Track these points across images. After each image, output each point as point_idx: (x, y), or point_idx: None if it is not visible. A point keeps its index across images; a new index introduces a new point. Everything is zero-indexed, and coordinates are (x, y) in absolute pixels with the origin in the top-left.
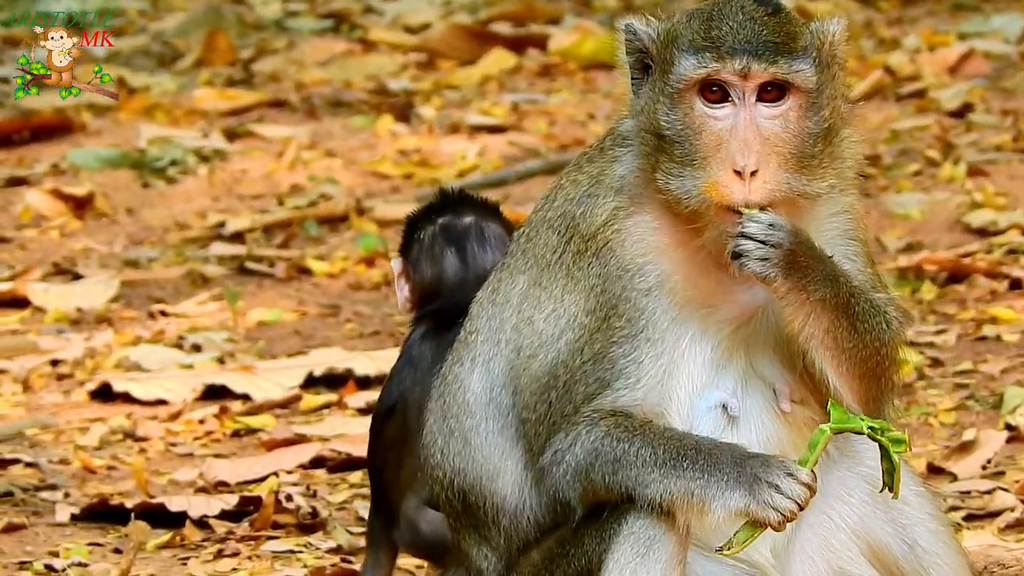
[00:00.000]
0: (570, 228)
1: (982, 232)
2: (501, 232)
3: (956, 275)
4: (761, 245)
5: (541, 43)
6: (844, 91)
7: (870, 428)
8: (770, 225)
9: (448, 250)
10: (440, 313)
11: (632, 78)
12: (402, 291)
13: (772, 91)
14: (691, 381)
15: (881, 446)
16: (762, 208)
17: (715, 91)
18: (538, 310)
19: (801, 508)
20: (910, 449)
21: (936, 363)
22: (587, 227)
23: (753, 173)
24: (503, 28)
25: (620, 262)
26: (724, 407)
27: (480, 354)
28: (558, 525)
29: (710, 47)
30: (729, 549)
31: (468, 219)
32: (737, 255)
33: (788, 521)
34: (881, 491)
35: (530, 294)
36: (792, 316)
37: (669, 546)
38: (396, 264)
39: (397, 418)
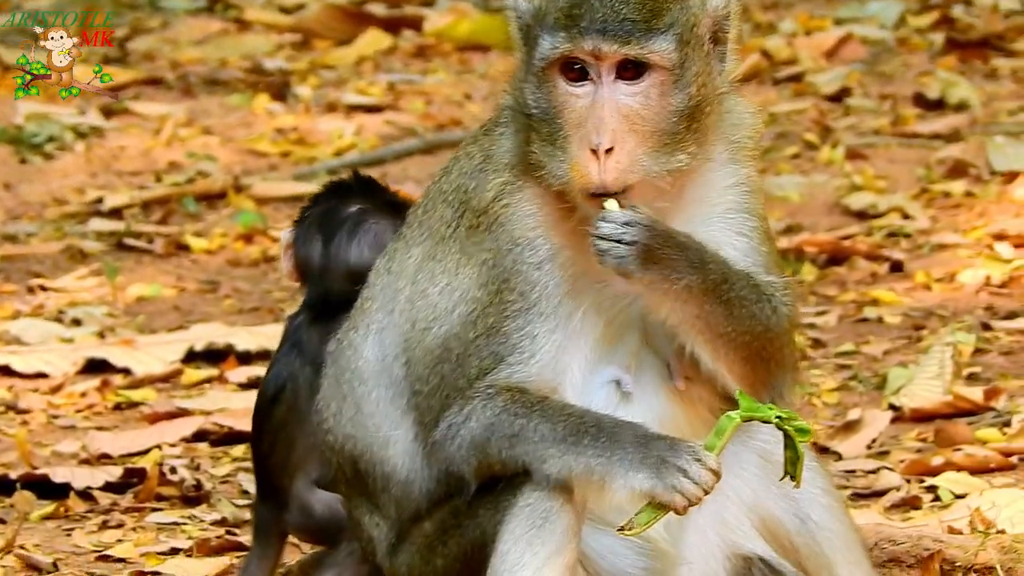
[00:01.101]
0: (463, 203)
1: (862, 215)
2: (383, 230)
3: (836, 257)
4: (616, 244)
5: (416, 24)
6: (721, 67)
7: (778, 417)
8: (624, 223)
9: (317, 237)
10: (326, 301)
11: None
12: (287, 262)
13: (630, 69)
14: (584, 356)
15: (786, 435)
16: (617, 194)
17: (575, 70)
18: (432, 283)
19: (707, 493)
20: (813, 439)
21: (818, 344)
22: (478, 202)
23: (609, 151)
24: (378, 9)
25: (510, 236)
26: (617, 383)
27: (374, 322)
28: (450, 496)
29: (568, 26)
30: (631, 530)
31: (351, 209)
32: (595, 253)
33: (692, 506)
34: (782, 479)
35: (424, 267)
36: (656, 305)
37: (565, 519)
38: (286, 235)
39: (285, 400)
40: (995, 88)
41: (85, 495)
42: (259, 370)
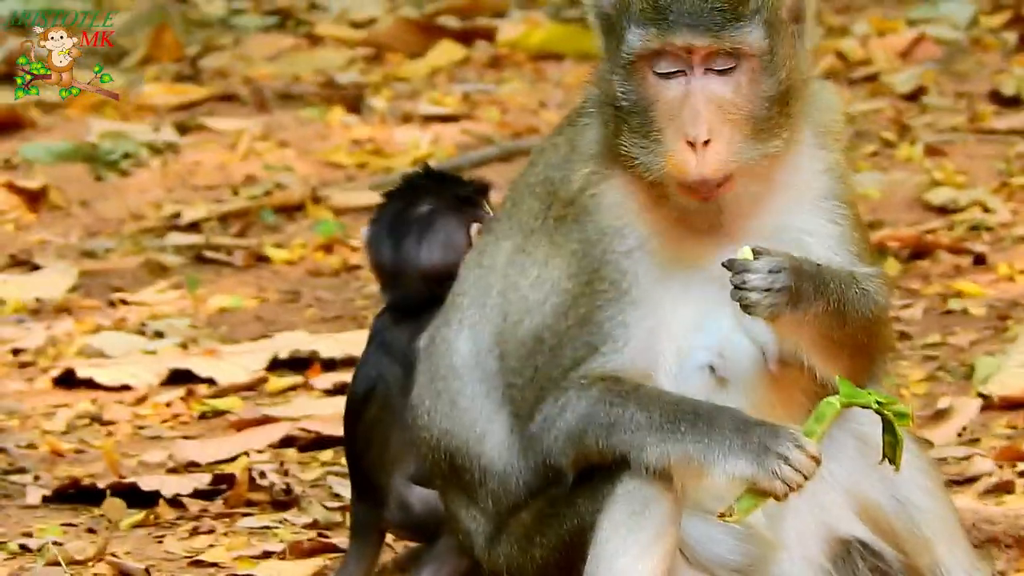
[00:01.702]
0: (550, 194)
1: (943, 210)
2: (453, 229)
3: (919, 251)
4: (766, 294)
5: (488, 35)
6: (804, 46)
7: (877, 403)
8: (771, 272)
9: (387, 240)
10: (406, 301)
11: (599, 38)
12: (368, 260)
13: (722, 59)
14: (677, 343)
15: (885, 419)
16: (719, 185)
17: (666, 62)
18: (523, 276)
19: (807, 480)
20: (913, 423)
21: (904, 336)
22: (566, 192)
23: (706, 143)
24: (450, 21)
25: (598, 226)
26: (712, 368)
27: (467, 317)
28: (547, 487)
29: (656, 19)
30: (731, 516)
31: (421, 210)
32: (744, 304)
33: (793, 492)
34: (880, 462)
35: (515, 260)
36: (786, 332)
37: (664, 506)
38: (364, 232)
39: (377, 399)
40: None
41: (174, 502)
42: (344, 376)
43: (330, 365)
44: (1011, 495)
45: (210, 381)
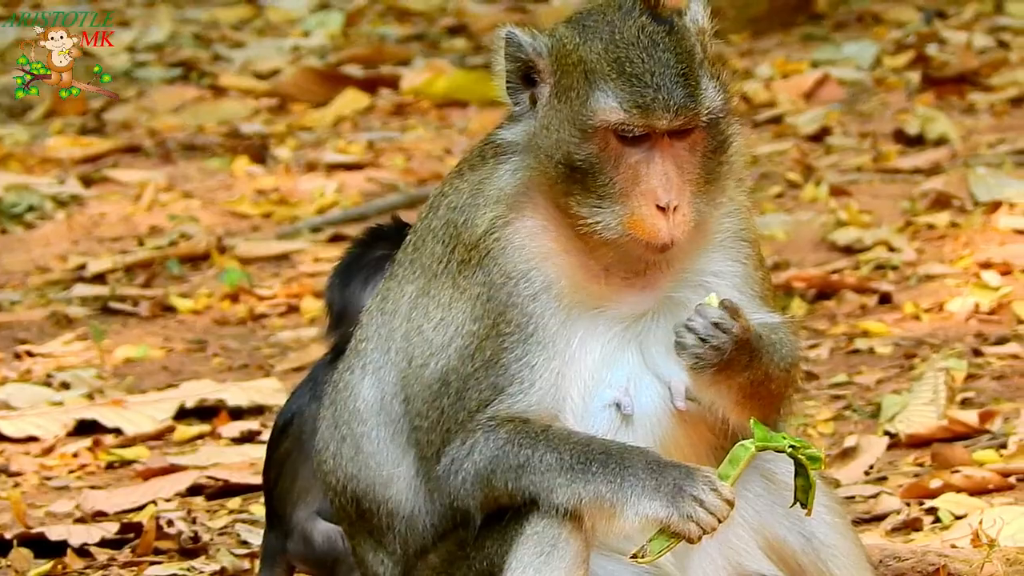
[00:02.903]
0: (454, 237)
1: (848, 249)
2: None
3: (825, 292)
4: (701, 343)
5: (393, 83)
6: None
7: (791, 446)
8: (715, 324)
9: (337, 282)
10: (344, 342)
11: (509, 83)
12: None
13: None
14: (584, 382)
15: (798, 463)
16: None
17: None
18: (427, 319)
19: (721, 523)
20: (826, 467)
21: (811, 376)
22: (469, 236)
23: (675, 208)
24: (354, 70)
25: (503, 270)
26: (618, 406)
27: (371, 362)
28: (455, 529)
29: (634, 95)
30: (643, 557)
31: (374, 255)
32: (677, 341)
33: (706, 535)
34: (792, 506)
35: (419, 303)
36: (703, 385)
37: (573, 546)
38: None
39: (292, 433)
40: (973, 122)
41: (82, 552)
42: (251, 424)
43: (237, 414)
44: (919, 532)
45: (117, 431)
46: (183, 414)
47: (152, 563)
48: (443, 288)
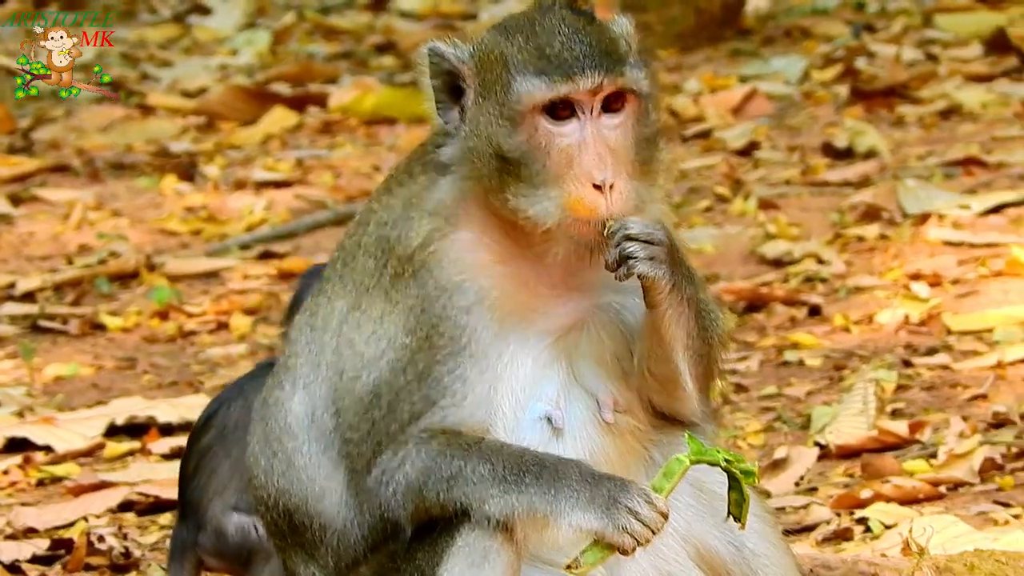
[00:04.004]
0: (386, 251)
1: (777, 262)
2: None
3: (754, 304)
4: (647, 245)
5: (321, 101)
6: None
7: (726, 460)
8: (646, 227)
9: (299, 293)
10: None
11: (438, 102)
12: None
13: (614, 102)
14: (515, 394)
15: (732, 476)
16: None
17: (561, 109)
18: (358, 333)
19: (655, 535)
20: (759, 480)
21: (741, 388)
22: (403, 249)
23: (611, 185)
24: (282, 88)
25: (438, 282)
26: (548, 419)
27: (301, 377)
28: (387, 542)
29: (555, 67)
30: (576, 569)
31: None
32: (624, 259)
33: (641, 547)
34: (726, 520)
35: (350, 318)
36: (664, 319)
37: (504, 558)
38: None
39: (215, 425)
40: (902, 135)
41: (13, 568)
42: (181, 441)
43: (167, 430)
44: (849, 542)
45: (47, 448)
46: (113, 431)
47: None
48: (375, 302)
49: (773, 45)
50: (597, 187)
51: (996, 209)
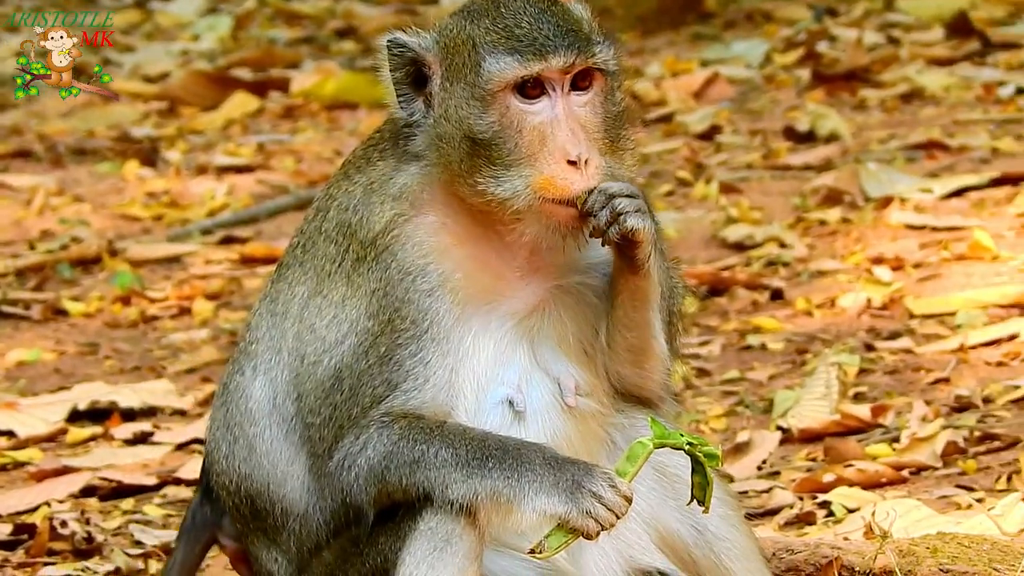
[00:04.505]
0: (348, 236)
1: (739, 246)
2: None
3: (716, 288)
4: (631, 199)
5: (282, 86)
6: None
7: (688, 444)
8: (623, 184)
9: None
10: None
11: (399, 93)
12: None
13: (582, 80)
14: (476, 378)
15: (695, 460)
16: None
17: (532, 88)
18: (319, 317)
19: (619, 519)
20: (722, 464)
21: (703, 372)
22: (365, 234)
23: (586, 160)
24: (243, 73)
25: (401, 265)
26: (510, 403)
27: (262, 363)
28: (349, 526)
29: (525, 46)
30: (541, 553)
31: None
32: (616, 216)
33: (605, 532)
34: (689, 503)
35: (310, 303)
36: (648, 274)
37: (467, 542)
38: None
39: None
40: (864, 119)
41: None
42: (144, 426)
43: (129, 415)
44: (812, 526)
45: (10, 433)
46: (76, 416)
47: (46, 564)
48: (336, 286)
49: (735, 29)
50: (572, 163)
51: (958, 192)
